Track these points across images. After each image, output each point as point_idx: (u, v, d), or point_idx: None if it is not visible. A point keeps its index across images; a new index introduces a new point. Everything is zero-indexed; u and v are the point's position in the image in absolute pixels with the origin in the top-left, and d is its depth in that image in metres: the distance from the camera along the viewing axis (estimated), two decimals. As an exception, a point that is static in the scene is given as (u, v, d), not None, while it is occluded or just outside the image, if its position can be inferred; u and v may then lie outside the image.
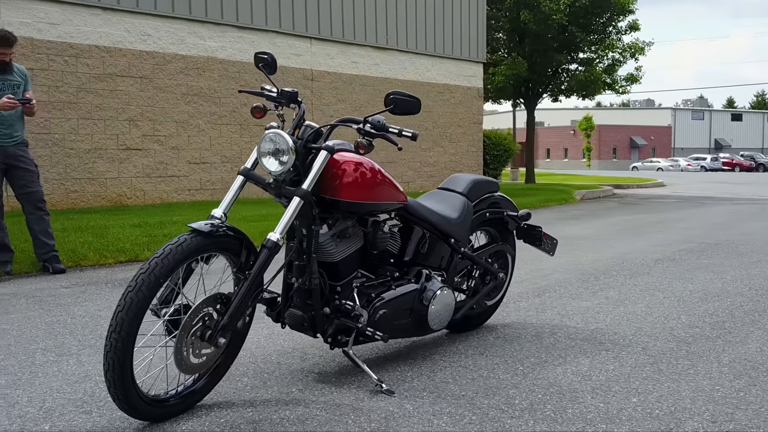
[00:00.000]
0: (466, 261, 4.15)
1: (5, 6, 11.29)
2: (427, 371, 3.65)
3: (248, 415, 3.06)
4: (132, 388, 2.78)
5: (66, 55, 12.01)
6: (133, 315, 2.72)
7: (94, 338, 4.32)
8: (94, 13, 12.31)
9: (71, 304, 5.27)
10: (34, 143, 11.61)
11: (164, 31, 13.26)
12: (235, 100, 14.35)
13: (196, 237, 2.91)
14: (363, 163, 3.43)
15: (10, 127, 6.50)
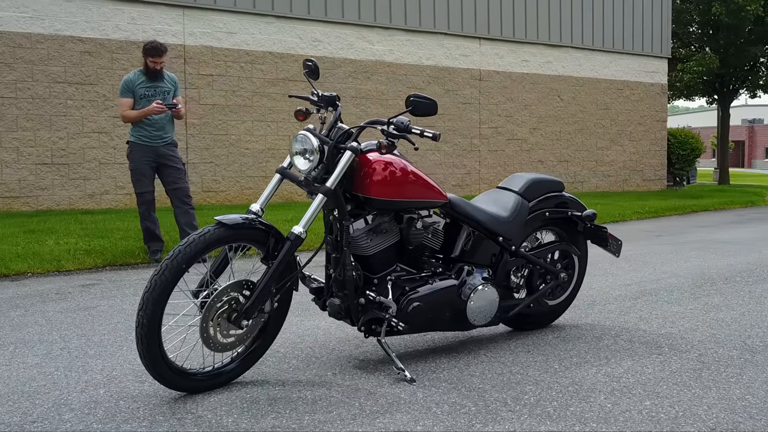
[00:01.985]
0: (519, 259, 4.20)
1: (188, 18, 12.38)
2: (462, 364, 3.78)
3: (273, 392, 3.35)
4: (160, 359, 3.16)
5: (242, 62, 12.96)
6: (157, 296, 3.10)
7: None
8: (268, 21, 13.18)
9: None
10: (212, 144, 12.66)
11: (334, 37, 13.93)
12: (401, 102, 14.76)
13: (219, 229, 3.24)
14: (393, 162, 3.62)
15: (161, 129, 7.21)
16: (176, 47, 12.24)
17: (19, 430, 2.94)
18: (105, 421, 3.02)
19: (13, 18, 10.94)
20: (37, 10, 11.11)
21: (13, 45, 10.93)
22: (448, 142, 15.52)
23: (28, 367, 3.77)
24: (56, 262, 6.89)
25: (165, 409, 3.17)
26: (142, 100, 7.15)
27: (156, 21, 12.09)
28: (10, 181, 10.99)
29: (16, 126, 10.99)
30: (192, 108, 12.34)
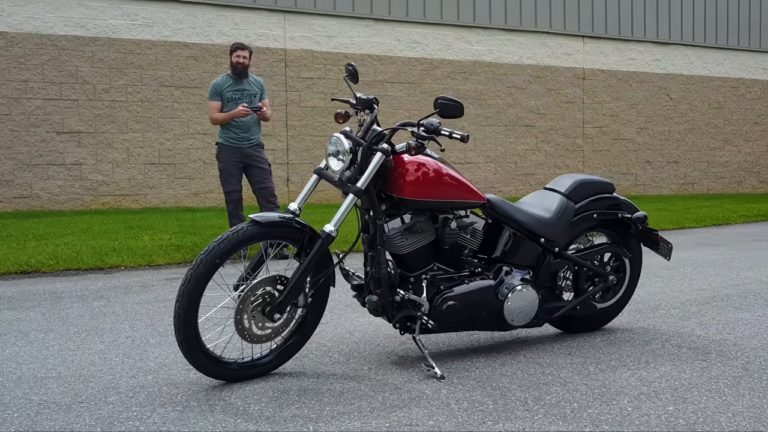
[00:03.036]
0: (564, 261, 4.19)
1: (289, 22, 12.77)
2: (498, 364, 3.81)
3: (305, 384, 3.50)
4: (197, 348, 3.37)
5: (341, 65, 13.24)
6: (192, 288, 3.30)
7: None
8: (366, 24, 13.43)
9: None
10: (312, 145, 13.00)
11: (432, 38, 14.03)
12: (500, 101, 14.72)
13: (252, 226, 3.42)
14: (426, 163, 3.70)
15: (247, 131, 7.52)
16: (277, 51, 12.66)
17: (66, 409, 3.19)
18: (144, 405, 3.24)
19: (124, 26, 11.59)
20: (146, 18, 11.73)
21: (124, 51, 11.59)
22: (550, 141, 15.34)
23: (93, 353, 4.06)
24: (148, 256, 7.29)
25: (201, 395, 3.37)
26: (229, 103, 7.46)
27: (258, 26, 12.53)
28: (120, 180, 11.65)
29: (126, 128, 11.65)
30: (292, 111, 12.72)
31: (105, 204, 11.55)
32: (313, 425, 2.99)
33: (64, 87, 11.27)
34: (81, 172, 11.43)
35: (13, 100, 10.97)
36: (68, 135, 11.32)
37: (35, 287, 6.07)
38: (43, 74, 11.15)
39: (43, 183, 11.19)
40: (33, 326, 4.70)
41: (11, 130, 10.98)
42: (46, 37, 11.12)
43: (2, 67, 10.90)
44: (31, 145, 11.10)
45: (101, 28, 11.47)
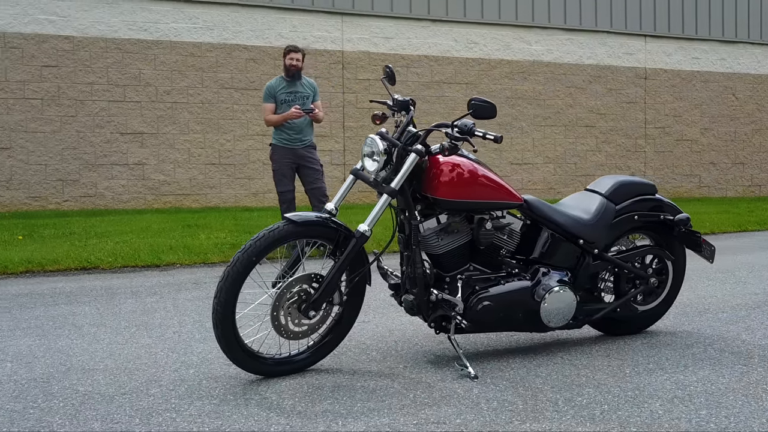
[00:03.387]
0: (603, 263, 4.16)
1: (347, 24, 12.89)
2: (534, 365, 3.82)
3: (340, 380, 3.57)
4: (234, 342, 3.46)
5: (398, 66, 13.31)
6: (229, 285, 3.40)
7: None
8: (423, 25, 13.46)
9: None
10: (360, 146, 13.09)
11: (490, 38, 13.99)
12: (560, 102, 14.59)
13: (288, 225, 3.50)
14: (461, 164, 3.73)
15: (300, 132, 7.63)
16: (334, 53, 12.79)
17: (109, 400, 3.33)
18: (183, 397, 3.35)
19: (186, 29, 11.86)
20: (207, 21, 11.99)
21: (185, 54, 11.87)
22: (611, 142, 15.14)
23: (140, 347, 4.21)
24: (203, 254, 7.47)
25: (238, 390, 3.46)
26: (283, 105, 7.59)
27: (316, 28, 12.69)
28: (181, 180, 11.93)
29: (187, 129, 11.92)
30: (349, 112, 12.84)
31: (167, 203, 11.85)
32: (342, 421, 3.05)
33: (128, 89, 11.60)
34: (143, 172, 11.74)
35: (79, 102, 11.34)
36: (131, 136, 11.65)
37: (93, 283, 6.28)
38: (108, 77, 11.49)
39: (107, 182, 11.54)
40: (87, 320, 4.88)
41: (77, 131, 11.35)
42: (110, 40, 11.47)
43: (69, 70, 11.28)
44: (96, 145, 11.46)
45: (163, 31, 11.76)
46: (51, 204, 11.23)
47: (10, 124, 10.99)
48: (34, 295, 5.72)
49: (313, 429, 2.97)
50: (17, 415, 3.14)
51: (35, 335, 4.49)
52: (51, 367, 3.82)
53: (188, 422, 3.06)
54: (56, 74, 11.23)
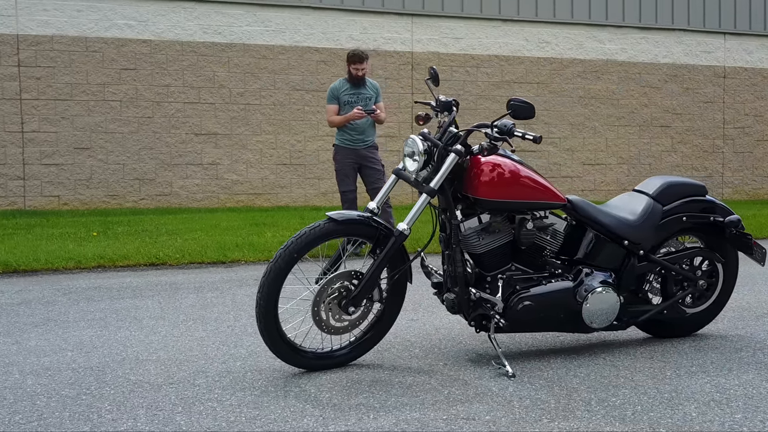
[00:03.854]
0: (650, 264, 4.12)
1: (416, 25, 12.96)
2: (574, 365, 3.82)
3: (378, 375, 3.65)
4: (276, 335, 3.59)
5: (468, 66, 13.32)
6: (271, 280, 3.53)
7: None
8: (494, 25, 13.42)
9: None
10: (437, 145, 13.14)
11: (562, 37, 13.85)
12: (634, 101, 14.33)
13: (328, 223, 3.60)
14: (502, 164, 3.76)
15: (362, 133, 7.74)
16: (404, 54, 12.88)
17: (156, 388, 3.48)
18: (226, 388, 3.48)
19: (258, 32, 12.14)
20: (279, 24, 12.24)
21: (258, 56, 12.14)
22: (687, 142, 14.79)
23: (193, 339, 4.37)
24: (267, 252, 7.65)
25: (280, 382, 3.58)
26: (345, 106, 7.71)
27: (386, 30, 12.80)
28: (253, 180, 12.21)
29: (260, 130, 12.19)
30: (418, 111, 12.90)
31: (239, 202, 12.14)
32: (374, 414, 3.13)
33: (202, 91, 11.93)
34: (217, 172, 12.06)
35: (155, 103, 11.72)
36: (206, 136, 11.97)
37: (159, 278, 6.52)
38: (183, 79, 11.84)
39: (182, 181, 11.89)
40: (147, 313, 5.08)
41: (154, 131, 11.73)
42: (186, 44, 11.82)
43: (146, 73, 11.67)
44: (172, 146, 11.82)
45: (237, 34, 12.06)
46: (128, 202, 11.65)
47: (90, 125, 11.45)
48: (102, 289, 5.97)
49: (345, 421, 3.06)
50: (70, 400, 3.33)
51: (98, 326, 4.71)
52: (107, 357, 4.01)
53: (228, 411, 3.18)
54: (134, 77, 11.64)
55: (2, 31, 11.06)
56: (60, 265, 6.96)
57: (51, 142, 11.32)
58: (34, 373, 3.72)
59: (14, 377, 3.66)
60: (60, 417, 3.12)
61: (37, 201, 11.31)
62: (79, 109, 11.44)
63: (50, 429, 3.00)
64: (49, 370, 3.77)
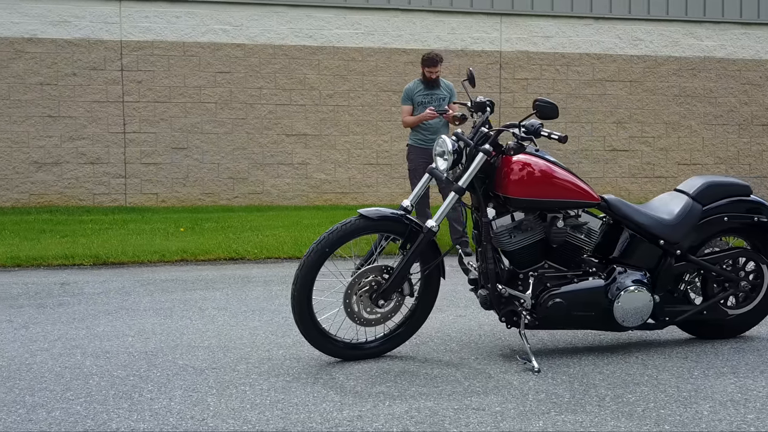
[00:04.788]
0: (688, 264, 4.09)
1: (505, 24, 12.96)
2: (603, 363, 3.86)
3: (408, 367, 3.80)
4: (310, 324, 3.79)
5: (557, 65, 13.21)
6: (305, 273, 3.74)
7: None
8: (586, 23, 13.26)
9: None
10: (525, 145, 13.10)
11: (656, 35, 13.54)
12: (733, 99, 13.86)
13: (359, 220, 3.78)
14: (531, 163, 3.83)
15: (435, 133, 7.86)
16: (492, 53, 12.91)
17: (199, 373, 3.74)
18: (262, 374, 3.71)
19: (348, 35, 12.43)
20: (368, 26, 12.49)
21: (347, 59, 12.43)
22: (791, 142, 14.19)
23: (246, 329, 4.63)
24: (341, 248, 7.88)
25: (313, 370, 3.78)
26: (419, 106, 7.86)
27: (474, 30, 12.86)
28: (341, 179, 12.52)
29: (347, 130, 12.49)
30: (505, 111, 12.90)
31: (327, 201, 12.46)
32: (390, 402, 3.28)
33: (293, 93, 12.32)
34: (306, 171, 12.42)
35: (248, 105, 12.18)
36: (296, 137, 12.35)
37: (234, 272, 6.84)
38: (275, 81, 12.25)
39: (273, 180, 12.31)
40: (212, 304, 5.38)
41: (247, 132, 12.19)
42: (278, 47, 12.22)
43: (240, 76, 12.14)
44: (264, 146, 12.26)
45: (327, 37, 12.38)
46: (222, 200, 12.15)
47: (187, 126, 12.00)
48: (179, 281, 6.33)
49: (360, 407, 3.22)
50: (119, 381, 3.62)
51: (163, 315, 5.03)
52: (163, 343, 4.31)
53: (256, 395, 3.40)
54: (229, 80, 12.13)
55: (107, 38, 11.75)
56: (145, 258, 7.38)
57: (150, 142, 11.94)
58: (93, 355, 4.05)
59: (76, 358, 4.00)
60: (105, 395, 3.41)
61: (137, 198, 11.95)
62: (177, 110, 12.01)
63: (94, 404, 3.29)
64: (108, 353, 4.09)
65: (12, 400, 3.35)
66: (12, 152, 11.54)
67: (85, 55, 11.68)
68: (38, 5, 11.53)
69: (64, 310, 5.19)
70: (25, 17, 11.50)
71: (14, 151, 11.56)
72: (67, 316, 4.98)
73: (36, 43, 11.51)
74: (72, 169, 11.77)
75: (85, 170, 11.79)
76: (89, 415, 3.15)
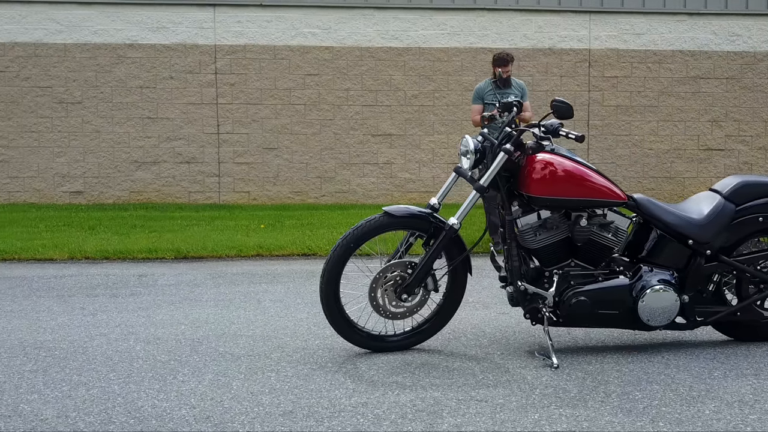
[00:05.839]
0: (720, 265, 4.04)
1: (594, 22, 12.80)
2: (626, 361, 3.88)
3: (431, 359, 3.95)
4: (337, 314, 4.00)
5: (649, 62, 12.94)
6: (331, 267, 3.94)
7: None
8: (679, 19, 12.93)
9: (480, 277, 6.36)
10: (614, 144, 12.91)
11: (756, 30, 13.06)
12: (839, 96, 13.22)
13: (383, 217, 3.93)
14: (554, 162, 3.89)
15: (504, 132, 7.94)
16: (580, 51, 12.76)
17: (235, 359, 3.99)
18: (292, 362, 3.93)
19: (434, 35, 12.56)
20: (454, 27, 12.59)
21: (432, 59, 12.57)
22: None
23: (292, 320, 4.86)
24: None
25: (340, 360, 3.97)
26: (489, 106, 7.93)
27: (561, 28, 12.76)
28: (425, 178, 12.67)
29: (432, 130, 12.63)
30: (594, 110, 12.77)
31: (411, 199, 12.63)
32: (399, 391, 3.44)
33: (379, 94, 12.55)
34: (391, 171, 12.63)
35: (336, 107, 12.49)
36: (381, 137, 12.58)
37: (303, 267, 7.10)
38: (362, 83, 12.52)
39: (359, 180, 12.58)
40: (270, 297, 5.64)
41: (334, 133, 12.51)
42: (365, 49, 12.48)
43: (328, 78, 12.47)
44: (350, 146, 12.54)
45: (413, 38, 12.55)
46: (310, 198, 12.52)
47: (277, 127, 12.42)
48: (248, 275, 6.64)
49: (369, 395, 3.39)
50: (160, 365, 3.91)
51: (221, 306, 5.32)
52: (211, 331, 4.58)
53: (279, 381, 3.62)
54: (317, 82, 12.47)
55: (202, 42, 12.29)
56: (223, 252, 7.74)
57: (242, 142, 12.41)
58: (144, 341, 4.36)
59: (128, 343, 4.32)
60: (143, 377, 3.70)
61: (230, 196, 12.45)
62: (268, 112, 12.44)
63: (130, 385, 3.58)
64: (158, 340, 4.40)
65: (61, 378, 3.68)
66: (114, 152, 12.24)
67: (182, 60, 12.25)
68: (139, 12, 12.18)
69: (133, 299, 5.56)
70: (127, 24, 12.17)
71: (116, 151, 12.26)
72: (133, 305, 5.34)
73: (136, 48, 12.16)
74: (169, 168, 12.37)
75: (181, 169, 12.37)
76: (122, 394, 3.44)
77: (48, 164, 12.05)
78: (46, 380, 3.65)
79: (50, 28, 12.04)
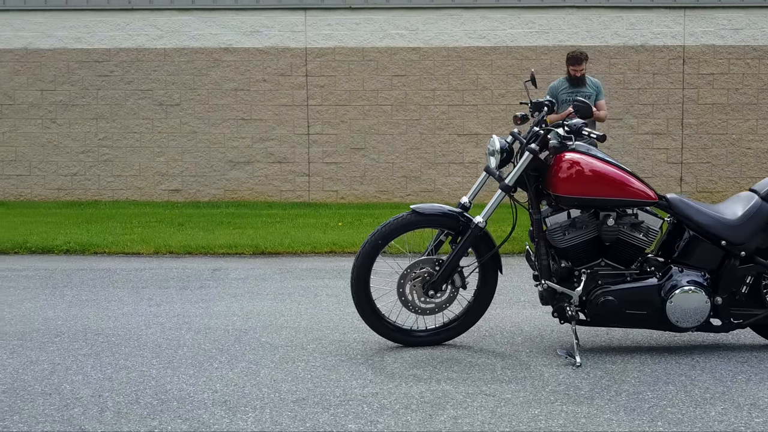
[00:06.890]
0: (756, 267, 3.94)
1: (689, 18, 12.44)
2: (652, 362, 3.87)
3: (457, 354, 4.05)
4: (367, 308, 4.15)
5: (748, 58, 12.46)
6: (360, 263, 4.09)
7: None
8: None
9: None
10: (710, 144, 12.50)
11: None
12: None
13: (411, 215, 4.04)
14: (581, 161, 3.90)
15: (579, 131, 7.88)
16: (674, 48, 12.42)
17: (271, 348, 4.20)
18: (324, 353, 4.10)
19: (522, 34, 12.52)
20: (543, 25, 12.49)
21: (520, 57, 12.52)
22: None
23: (336, 314, 5.02)
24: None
25: (369, 352, 4.13)
26: (563, 104, 7.89)
27: (654, 24, 12.45)
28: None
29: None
30: (689, 108, 12.41)
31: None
32: (413, 383, 3.55)
33: (466, 93, 12.60)
34: (477, 170, 12.64)
35: (422, 107, 12.61)
36: (467, 137, 12.63)
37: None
38: (449, 83, 12.60)
39: (444, 179, 12.67)
40: (327, 291, 5.83)
41: (420, 133, 12.64)
42: (452, 49, 12.55)
43: (415, 78, 12.61)
44: (436, 146, 12.64)
45: (500, 37, 12.53)
46: (395, 197, 12.69)
47: (365, 128, 12.65)
48: (315, 270, 6.87)
49: (383, 386, 3.53)
50: (202, 353, 4.16)
51: (279, 300, 5.53)
52: (258, 323, 4.81)
53: (304, 371, 3.79)
54: (404, 82, 12.63)
55: (293, 45, 12.66)
56: (298, 249, 8.00)
57: (331, 143, 12.71)
58: (194, 331, 4.62)
59: (180, 332, 4.59)
60: (182, 363, 3.95)
61: (319, 195, 12.77)
62: (356, 113, 12.69)
63: (168, 370, 3.83)
64: (208, 329, 4.65)
65: (108, 362, 3.97)
66: (210, 152, 12.76)
67: (274, 62, 12.66)
68: (234, 17, 12.66)
69: (200, 292, 5.85)
70: (222, 29, 12.67)
71: (212, 151, 12.77)
72: (197, 298, 5.62)
73: (231, 52, 12.64)
74: (262, 167, 12.79)
75: (273, 169, 12.77)
76: (157, 377, 3.70)
77: (148, 163, 12.68)
78: (94, 363, 3.94)
79: (151, 33, 12.66)
